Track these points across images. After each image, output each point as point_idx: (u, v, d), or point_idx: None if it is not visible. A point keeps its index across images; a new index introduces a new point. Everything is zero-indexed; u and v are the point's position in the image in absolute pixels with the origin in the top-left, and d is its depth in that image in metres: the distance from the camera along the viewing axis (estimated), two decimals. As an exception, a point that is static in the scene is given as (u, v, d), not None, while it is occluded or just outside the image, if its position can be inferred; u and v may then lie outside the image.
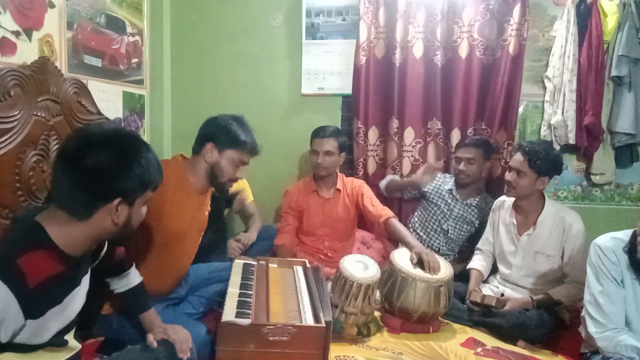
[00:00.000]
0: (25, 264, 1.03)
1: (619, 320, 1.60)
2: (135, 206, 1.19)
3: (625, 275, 1.62)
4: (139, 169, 1.15)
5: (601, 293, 1.63)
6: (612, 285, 1.62)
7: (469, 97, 2.80)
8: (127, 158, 1.14)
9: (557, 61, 2.73)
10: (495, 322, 2.07)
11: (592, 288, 1.65)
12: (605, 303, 1.61)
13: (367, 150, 2.96)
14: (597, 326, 1.62)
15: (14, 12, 1.78)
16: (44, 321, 1.09)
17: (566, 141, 2.74)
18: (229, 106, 3.03)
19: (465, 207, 2.66)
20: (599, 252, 1.65)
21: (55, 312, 1.13)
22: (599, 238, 1.69)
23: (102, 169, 1.10)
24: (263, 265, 2.05)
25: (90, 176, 1.09)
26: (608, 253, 1.62)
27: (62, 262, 1.12)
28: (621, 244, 1.63)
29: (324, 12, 2.95)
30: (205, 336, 1.66)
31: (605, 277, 1.63)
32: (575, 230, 2.11)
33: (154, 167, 1.20)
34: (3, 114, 1.41)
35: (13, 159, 1.45)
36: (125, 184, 1.13)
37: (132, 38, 2.67)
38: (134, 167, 1.14)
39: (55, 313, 1.13)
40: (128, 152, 1.15)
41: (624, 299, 1.61)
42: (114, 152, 1.12)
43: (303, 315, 1.64)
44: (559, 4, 2.77)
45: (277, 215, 3.05)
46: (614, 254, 1.62)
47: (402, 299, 2.02)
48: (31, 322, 1.05)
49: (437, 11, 2.78)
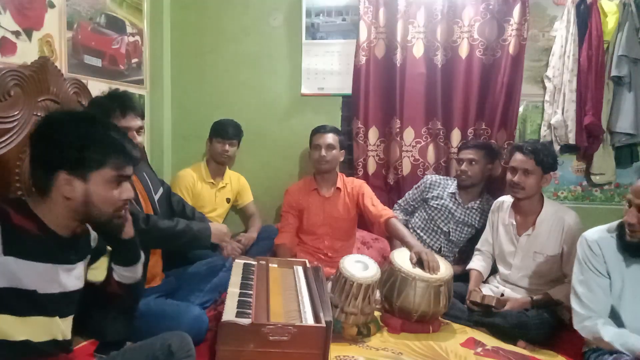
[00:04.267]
0: (9, 207, 1.12)
1: (597, 308, 1.64)
2: (92, 182, 1.16)
3: (613, 265, 1.65)
4: (84, 142, 1.15)
5: (581, 282, 1.68)
6: (592, 275, 1.66)
7: (469, 97, 2.80)
8: (74, 131, 1.16)
9: (557, 61, 2.73)
10: (495, 322, 2.07)
11: (574, 279, 1.71)
12: (584, 292, 1.66)
13: (367, 151, 2.96)
14: (576, 316, 1.67)
15: (14, 12, 1.78)
16: (29, 270, 1.12)
17: (566, 141, 2.74)
18: (229, 106, 3.05)
19: (466, 210, 2.66)
20: (584, 244, 1.70)
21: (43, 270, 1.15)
22: (587, 231, 1.74)
23: (47, 141, 1.15)
24: (263, 265, 2.06)
25: (38, 149, 1.17)
26: (592, 245, 1.67)
27: (42, 231, 1.15)
28: (607, 234, 1.67)
29: (324, 12, 2.95)
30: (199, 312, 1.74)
31: (587, 268, 1.67)
32: (574, 230, 2.11)
33: (112, 146, 1.19)
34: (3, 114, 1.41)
35: (13, 159, 1.45)
36: (66, 154, 1.14)
37: (132, 38, 2.68)
38: (78, 140, 1.15)
39: (44, 272, 1.15)
40: (79, 127, 1.17)
41: (606, 289, 1.64)
42: (66, 127, 1.16)
43: (303, 315, 1.64)
44: (559, 4, 2.77)
45: (277, 215, 3.05)
46: (598, 245, 1.66)
47: (402, 298, 2.02)
48: (12, 261, 1.08)
49: (437, 11, 2.78)
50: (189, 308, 1.77)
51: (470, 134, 2.83)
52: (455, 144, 2.84)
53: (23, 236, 1.11)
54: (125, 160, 1.21)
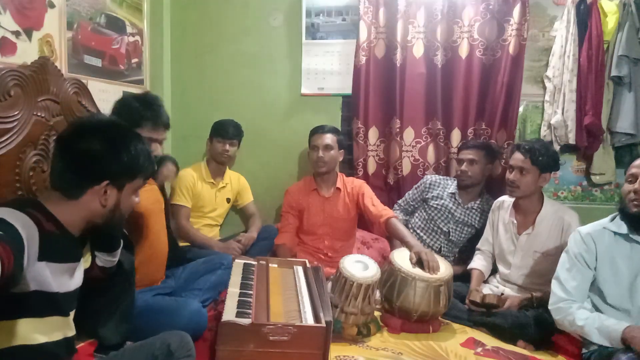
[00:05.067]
0: (37, 213, 1.11)
1: (576, 294, 1.70)
2: (125, 192, 1.25)
3: (604, 254, 1.70)
4: (127, 156, 1.22)
5: (567, 270, 1.75)
6: (580, 266, 1.72)
7: (469, 97, 2.80)
8: (116, 144, 1.22)
9: (557, 61, 2.73)
10: (495, 322, 2.07)
11: (560, 267, 1.77)
12: (567, 278, 1.73)
13: (367, 150, 2.96)
14: (553, 297, 1.73)
15: (14, 12, 1.78)
16: (57, 271, 1.13)
17: (566, 141, 2.74)
18: (229, 106, 3.06)
19: (466, 210, 2.66)
20: (578, 237, 1.76)
21: (64, 270, 1.17)
22: (581, 227, 1.80)
23: (91, 153, 1.19)
24: (263, 265, 2.06)
25: (80, 159, 1.19)
26: (585, 237, 1.73)
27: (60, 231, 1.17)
28: (599, 227, 1.73)
29: (324, 12, 2.95)
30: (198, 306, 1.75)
31: (576, 260, 1.73)
32: (574, 229, 2.11)
33: (145, 157, 1.27)
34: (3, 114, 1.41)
35: (13, 159, 1.45)
36: (112, 167, 1.20)
37: (132, 38, 2.67)
38: (122, 153, 1.21)
39: (65, 272, 1.18)
40: (118, 139, 1.23)
41: (589, 281, 1.72)
42: (105, 138, 1.21)
43: (303, 315, 1.64)
44: (559, 4, 2.77)
45: (277, 215, 3.06)
46: (591, 238, 1.73)
47: (402, 298, 2.02)
48: (44, 265, 1.10)
49: (437, 11, 2.78)
50: (187, 302, 1.77)
51: (470, 134, 2.83)
52: (455, 144, 2.84)
53: (51, 239, 1.12)
54: (152, 171, 1.34)
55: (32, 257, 1.05)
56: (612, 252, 1.70)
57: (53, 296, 1.14)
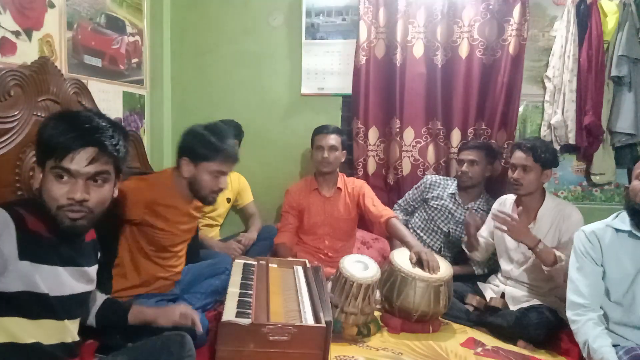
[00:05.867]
0: (24, 210, 1.12)
1: (591, 294, 1.68)
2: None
3: (608, 251, 1.69)
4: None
5: (577, 270, 1.72)
6: (588, 263, 1.71)
7: (469, 97, 2.80)
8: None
9: (557, 61, 2.73)
10: (495, 322, 2.07)
11: (570, 269, 1.76)
12: (580, 277, 1.71)
13: (367, 150, 2.96)
14: (570, 305, 1.70)
15: (14, 12, 1.78)
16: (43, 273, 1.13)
17: (566, 141, 2.74)
18: (229, 106, 3.05)
19: (466, 210, 2.65)
20: (582, 236, 1.75)
21: (55, 273, 1.16)
22: (584, 226, 1.79)
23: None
24: (263, 265, 2.06)
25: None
26: (590, 235, 1.73)
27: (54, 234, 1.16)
28: (603, 225, 1.73)
29: (324, 12, 2.95)
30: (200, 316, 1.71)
31: (583, 257, 1.72)
32: (574, 219, 2.11)
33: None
34: (3, 114, 1.41)
35: (13, 159, 1.45)
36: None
37: (132, 38, 2.67)
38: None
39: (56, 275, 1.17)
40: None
41: (600, 277, 1.69)
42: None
43: (303, 315, 1.64)
44: (559, 4, 2.77)
45: (277, 215, 3.05)
46: (595, 236, 1.72)
47: (402, 298, 2.02)
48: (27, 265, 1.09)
49: (437, 11, 2.78)
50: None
51: (470, 134, 2.82)
52: (455, 144, 2.84)
53: (37, 240, 1.12)
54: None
55: (10, 254, 1.06)
56: (616, 249, 1.70)
57: (43, 298, 1.13)
